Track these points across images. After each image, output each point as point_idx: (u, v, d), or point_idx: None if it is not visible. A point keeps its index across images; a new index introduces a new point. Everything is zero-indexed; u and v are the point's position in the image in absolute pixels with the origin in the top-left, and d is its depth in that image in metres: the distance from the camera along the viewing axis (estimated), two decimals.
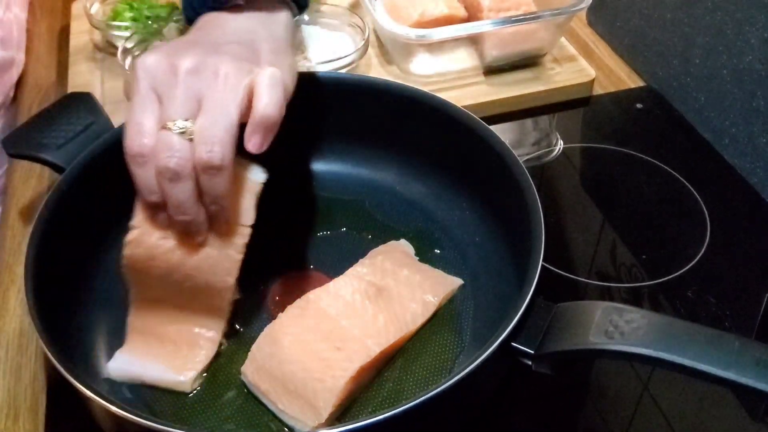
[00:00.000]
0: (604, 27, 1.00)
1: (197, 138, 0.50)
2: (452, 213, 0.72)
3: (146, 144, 0.51)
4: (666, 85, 0.90)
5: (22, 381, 0.62)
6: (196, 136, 0.50)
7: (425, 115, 0.71)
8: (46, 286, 0.56)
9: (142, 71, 0.52)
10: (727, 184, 0.79)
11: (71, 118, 0.68)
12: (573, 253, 0.73)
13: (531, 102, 0.90)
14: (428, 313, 0.63)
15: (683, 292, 0.68)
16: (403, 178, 0.75)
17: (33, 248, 0.57)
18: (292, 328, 0.59)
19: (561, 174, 0.83)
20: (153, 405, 0.57)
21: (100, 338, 0.61)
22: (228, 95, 0.51)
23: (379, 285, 0.63)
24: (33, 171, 0.80)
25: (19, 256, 0.71)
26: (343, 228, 0.72)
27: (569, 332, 0.50)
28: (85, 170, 0.64)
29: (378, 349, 0.57)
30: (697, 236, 0.73)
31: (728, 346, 0.45)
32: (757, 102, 0.75)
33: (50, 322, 0.53)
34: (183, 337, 0.60)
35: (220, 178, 0.51)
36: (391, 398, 0.58)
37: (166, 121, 0.51)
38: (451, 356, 0.61)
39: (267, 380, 0.57)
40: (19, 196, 0.78)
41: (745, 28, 0.76)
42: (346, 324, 0.59)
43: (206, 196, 0.52)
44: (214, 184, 0.52)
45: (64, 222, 0.61)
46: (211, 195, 0.52)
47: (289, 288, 0.66)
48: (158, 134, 0.51)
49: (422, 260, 0.68)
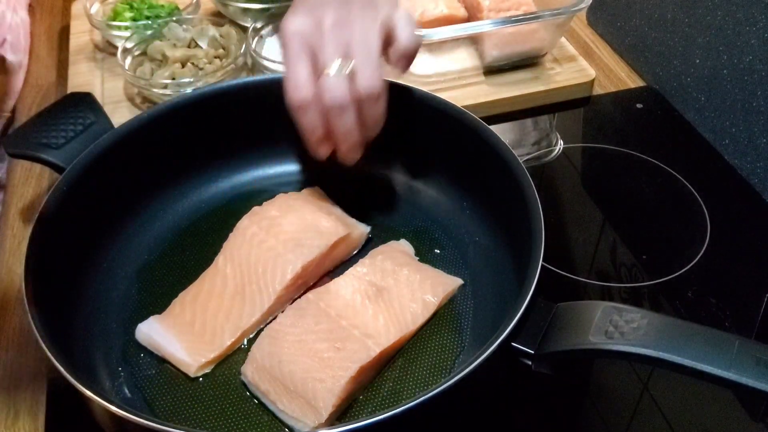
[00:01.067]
0: (605, 27, 1.00)
1: (359, 75, 0.59)
2: (453, 213, 0.72)
3: (307, 94, 0.60)
4: (666, 85, 0.90)
5: (22, 381, 0.62)
6: (357, 74, 0.59)
7: (425, 115, 0.71)
8: (46, 286, 0.56)
9: (290, 32, 0.61)
10: (728, 184, 0.79)
11: (71, 118, 0.68)
12: (573, 252, 0.73)
13: (531, 102, 0.89)
14: (428, 313, 0.63)
15: (683, 292, 0.68)
16: (404, 178, 0.75)
17: (33, 249, 0.57)
18: (292, 328, 0.59)
19: (561, 174, 0.83)
20: (153, 404, 0.57)
21: (99, 338, 0.61)
22: (371, 37, 0.60)
23: (379, 285, 0.63)
24: (33, 171, 0.80)
25: (19, 257, 0.71)
26: None
27: (569, 332, 0.50)
28: (85, 170, 0.64)
29: (378, 349, 0.57)
30: (697, 236, 0.73)
31: (728, 346, 0.45)
32: (758, 102, 0.75)
33: (50, 323, 0.53)
34: (213, 324, 0.61)
35: (380, 103, 0.61)
36: (391, 398, 0.58)
37: (323, 68, 0.59)
38: (451, 356, 0.61)
39: (267, 380, 0.57)
40: (19, 196, 0.78)
41: (746, 28, 0.76)
42: (346, 324, 0.59)
43: (369, 119, 0.62)
44: (376, 109, 0.61)
45: (64, 222, 0.61)
46: (374, 119, 0.62)
47: None
48: (319, 82, 0.59)
49: (422, 260, 0.68)
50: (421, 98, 0.71)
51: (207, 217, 0.72)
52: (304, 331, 0.59)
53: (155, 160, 0.70)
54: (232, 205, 0.72)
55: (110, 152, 0.66)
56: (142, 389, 0.58)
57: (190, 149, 0.72)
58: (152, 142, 0.69)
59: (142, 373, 0.60)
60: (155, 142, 0.69)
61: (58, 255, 0.59)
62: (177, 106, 0.71)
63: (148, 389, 0.58)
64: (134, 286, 0.66)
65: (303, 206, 0.69)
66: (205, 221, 0.72)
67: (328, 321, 0.59)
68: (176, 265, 0.68)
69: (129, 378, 0.59)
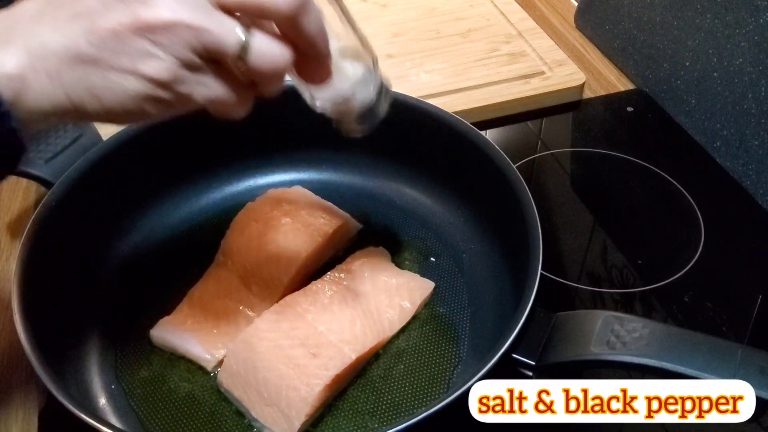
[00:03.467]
0: (593, 30, 1.00)
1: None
2: (447, 220, 0.72)
3: None
4: (656, 88, 0.90)
5: (13, 400, 0.60)
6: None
7: (417, 122, 0.71)
8: (37, 303, 0.55)
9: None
10: (720, 186, 0.79)
11: (59, 131, 0.67)
12: (567, 259, 0.73)
13: (521, 106, 0.89)
14: (405, 319, 0.63)
15: (680, 297, 0.68)
16: (397, 186, 0.75)
17: (22, 266, 0.56)
18: (268, 333, 0.59)
19: (552, 178, 0.82)
20: (146, 421, 0.57)
21: (92, 355, 0.61)
22: None
23: (357, 290, 0.63)
24: (20, 184, 0.79)
25: (6, 273, 0.70)
26: None
27: (570, 342, 0.50)
28: (74, 185, 0.63)
29: (354, 356, 0.57)
30: (691, 240, 0.73)
31: (731, 355, 0.45)
32: (748, 104, 0.76)
33: (41, 341, 0.52)
34: (226, 313, 0.62)
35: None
36: (391, 411, 0.57)
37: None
38: (450, 367, 0.60)
39: (241, 387, 0.56)
40: (5, 211, 0.76)
41: (735, 30, 0.76)
42: (323, 329, 0.59)
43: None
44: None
45: (53, 238, 0.60)
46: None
47: None
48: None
49: (419, 268, 0.68)
50: (412, 105, 0.71)
51: (200, 228, 0.72)
52: (280, 336, 0.58)
53: (145, 172, 0.69)
54: (225, 216, 0.71)
55: (99, 166, 0.65)
56: (135, 405, 0.58)
57: (180, 161, 0.72)
58: (142, 154, 0.68)
59: (134, 391, 0.59)
60: (145, 154, 0.68)
61: (47, 272, 0.58)
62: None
63: (143, 406, 0.58)
64: (126, 300, 0.65)
65: (296, 200, 0.69)
66: (198, 233, 0.71)
67: (304, 326, 0.59)
68: (170, 277, 0.67)
69: (121, 395, 0.58)
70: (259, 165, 0.76)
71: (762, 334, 0.65)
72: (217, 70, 0.43)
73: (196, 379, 0.60)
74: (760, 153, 0.75)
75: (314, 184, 0.74)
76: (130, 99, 0.42)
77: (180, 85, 0.42)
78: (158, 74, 0.41)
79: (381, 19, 1.01)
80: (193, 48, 0.41)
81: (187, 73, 0.42)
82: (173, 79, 0.41)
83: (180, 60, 0.41)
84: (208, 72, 0.43)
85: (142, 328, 0.62)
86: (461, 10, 1.02)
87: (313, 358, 0.56)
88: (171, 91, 0.42)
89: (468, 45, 0.96)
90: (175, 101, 0.43)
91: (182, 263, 0.68)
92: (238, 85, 0.44)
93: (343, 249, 0.70)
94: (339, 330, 0.59)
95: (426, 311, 0.65)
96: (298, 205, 0.69)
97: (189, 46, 0.41)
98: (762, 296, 0.68)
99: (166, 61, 0.41)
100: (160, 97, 0.42)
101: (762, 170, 0.75)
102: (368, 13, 1.02)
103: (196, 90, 0.43)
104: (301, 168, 0.76)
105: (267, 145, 0.73)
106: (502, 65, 0.92)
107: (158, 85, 0.41)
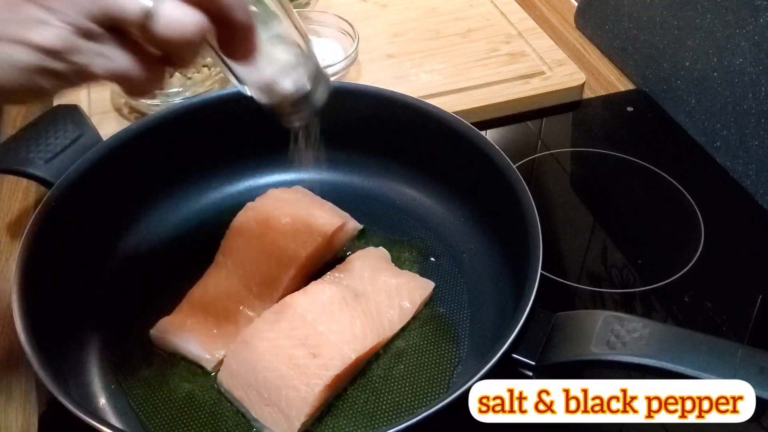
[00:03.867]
0: (593, 30, 1.00)
1: None
2: (447, 220, 0.72)
3: None
4: (656, 88, 0.90)
5: (12, 401, 0.60)
6: None
7: (417, 122, 0.71)
8: (36, 303, 0.55)
9: None
10: (720, 186, 0.79)
11: (58, 131, 0.67)
12: (567, 259, 0.73)
13: (521, 106, 0.89)
14: (405, 319, 0.63)
15: (680, 297, 0.68)
16: (397, 186, 0.75)
17: (22, 266, 0.56)
18: (268, 333, 0.59)
19: (552, 178, 0.82)
20: (146, 421, 0.57)
21: (92, 355, 0.61)
22: None
23: (357, 290, 0.63)
24: (20, 184, 0.79)
25: (6, 273, 0.70)
26: None
27: (570, 342, 0.50)
28: (74, 185, 0.63)
29: (354, 356, 0.57)
30: (692, 239, 0.73)
31: (732, 355, 0.45)
32: (749, 104, 0.75)
33: (41, 341, 0.52)
34: (226, 313, 0.62)
35: None
36: (391, 411, 0.57)
37: None
38: (450, 366, 0.60)
39: (241, 387, 0.56)
40: (5, 211, 0.76)
41: (735, 30, 0.76)
42: (323, 329, 0.59)
43: None
44: None
45: (53, 238, 0.60)
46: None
47: None
48: None
49: (419, 268, 0.68)
50: (413, 105, 0.71)
51: (200, 228, 0.72)
52: (279, 336, 0.58)
53: (145, 172, 0.69)
54: (224, 216, 0.71)
55: (99, 166, 0.65)
56: (135, 405, 0.57)
57: (179, 160, 0.72)
58: (141, 154, 0.68)
59: (134, 391, 0.58)
60: (144, 154, 0.68)
61: (47, 272, 0.58)
62: (166, 117, 0.70)
63: (143, 406, 0.57)
64: (126, 300, 0.65)
65: (296, 200, 0.69)
66: (198, 233, 0.71)
67: (304, 326, 0.59)
68: (170, 277, 0.66)
69: (121, 395, 0.58)
70: (259, 165, 0.76)
71: (762, 334, 0.65)
72: (121, 40, 0.39)
73: (196, 379, 0.60)
74: (760, 153, 0.75)
75: (314, 184, 0.74)
76: (19, 72, 0.38)
77: (75, 55, 0.38)
78: (49, 43, 0.38)
79: (381, 19, 1.01)
80: (90, 14, 0.38)
81: (83, 42, 0.38)
82: (67, 48, 0.38)
83: (75, 27, 0.38)
84: (110, 42, 0.39)
85: (142, 328, 0.62)
86: (461, 10, 1.03)
87: (313, 358, 0.56)
88: (65, 61, 0.38)
89: (468, 45, 0.96)
90: (72, 74, 0.39)
91: (182, 263, 0.67)
92: (147, 56, 0.41)
93: (343, 249, 0.70)
94: (339, 330, 0.59)
95: (426, 311, 0.65)
96: (298, 205, 0.69)
97: (86, 12, 0.38)
98: (762, 296, 0.68)
99: (58, 28, 0.37)
100: (54, 69, 0.39)
101: (762, 170, 0.75)
102: (368, 13, 1.02)
103: (96, 61, 0.39)
104: (301, 168, 0.76)
105: (267, 145, 0.73)
106: (502, 65, 0.92)
107: (50, 55, 0.38)
